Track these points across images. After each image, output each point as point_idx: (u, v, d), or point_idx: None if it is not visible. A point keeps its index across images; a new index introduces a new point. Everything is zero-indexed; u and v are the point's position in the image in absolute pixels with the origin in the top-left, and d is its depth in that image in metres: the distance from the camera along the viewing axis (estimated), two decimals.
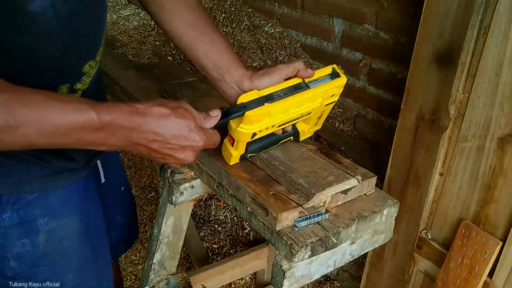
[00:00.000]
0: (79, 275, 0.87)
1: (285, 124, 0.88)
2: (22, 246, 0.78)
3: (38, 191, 0.77)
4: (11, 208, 0.75)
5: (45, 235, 0.79)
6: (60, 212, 0.81)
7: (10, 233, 0.76)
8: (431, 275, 1.10)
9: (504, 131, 0.87)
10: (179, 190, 1.05)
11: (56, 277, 0.83)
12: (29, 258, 0.79)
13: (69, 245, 0.84)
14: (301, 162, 0.93)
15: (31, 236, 0.78)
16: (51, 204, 0.79)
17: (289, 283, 0.82)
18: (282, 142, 0.95)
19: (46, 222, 0.79)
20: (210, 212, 2.01)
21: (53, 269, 0.82)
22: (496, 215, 0.93)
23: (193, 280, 1.30)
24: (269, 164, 0.93)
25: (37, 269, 0.80)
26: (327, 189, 0.85)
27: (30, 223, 0.77)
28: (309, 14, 1.49)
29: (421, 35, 0.97)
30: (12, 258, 0.78)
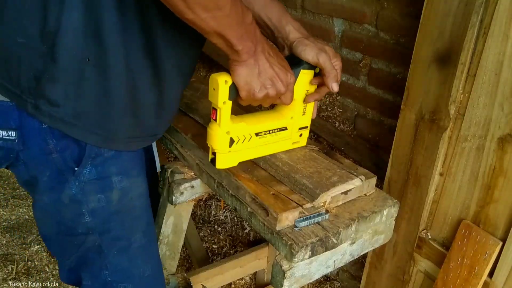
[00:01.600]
0: (145, 236, 0.91)
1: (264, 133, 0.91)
2: (98, 202, 0.82)
3: (122, 149, 0.82)
4: (90, 164, 0.79)
5: (118, 192, 0.84)
6: (131, 172, 0.86)
7: (88, 188, 0.81)
8: (431, 275, 1.10)
9: (504, 131, 0.87)
10: (179, 190, 1.05)
11: (126, 234, 0.88)
12: (103, 214, 0.83)
13: (138, 205, 0.89)
14: (304, 162, 0.93)
15: (106, 192, 0.83)
16: (124, 164, 0.84)
17: (289, 283, 0.82)
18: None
19: (119, 180, 0.83)
20: (210, 212, 2.01)
21: (123, 226, 0.87)
22: (496, 215, 0.93)
23: (193, 280, 1.30)
24: (272, 164, 0.93)
25: (110, 224, 0.85)
26: (332, 189, 0.85)
27: (106, 180, 0.82)
28: (309, 14, 1.49)
29: (421, 35, 0.97)
30: (87, 213, 0.82)
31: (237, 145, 0.87)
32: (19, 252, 1.82)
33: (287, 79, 0.81)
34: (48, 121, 0.74)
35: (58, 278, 1.72)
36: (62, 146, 0.77)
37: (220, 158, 0.88)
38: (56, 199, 0.81)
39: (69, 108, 0.73)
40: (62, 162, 0.78)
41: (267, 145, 0.93)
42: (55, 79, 0.71)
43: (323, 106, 1.53)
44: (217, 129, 0.83)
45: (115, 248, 0.87)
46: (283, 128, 0.93)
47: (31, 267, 1.76)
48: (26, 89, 0.72)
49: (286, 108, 0.92)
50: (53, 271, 1.75)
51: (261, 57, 0.77)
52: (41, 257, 1.81)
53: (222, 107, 0.80)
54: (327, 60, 0.84)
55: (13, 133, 0.76)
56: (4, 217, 2.02)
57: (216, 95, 0.79)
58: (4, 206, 2.08)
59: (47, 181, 0.80)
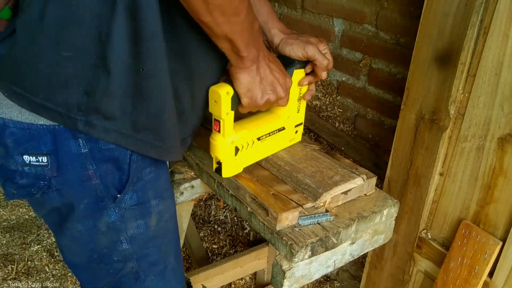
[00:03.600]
0: (176, 257, 0.91)
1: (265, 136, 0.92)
2: (137, 228, 0.80)
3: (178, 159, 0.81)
4: (131, 189, 0.76)
5: (156, 216, 0.82)
6: (165, 194, 0.84)
7: (128, 214, 0.78)
8: (431, 275, 1.10)
9: (504, 131, 0.87)
10: (179, 190, 1.05)
11: (162, 258, 0.86)
12: (142, 240, 0.81)
13: (171, 227, 0.88)
14: (306, 162, 0.94)
15: (146, 218, 0.80)
16: (160, 186, 0.82)
17: (289, 283, 0.82)
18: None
19: (156, 204, 0.81)
20: (210, 212, 2.01)
21: (160, 250, 0.85)
22: (496, 215, 0.93)
23: (193, 280, 1.30)
24: (275, 164, 0.93)
25: (148, 250, 0.83)
26: (334, 189, 0.85)
27: (145, 205, 0.79)
28: (309, 14, 1.49)
29: (421, 35, 0.97)
30: (125, 240, 0.79)
31: (241, 152, 0.88)
32: (19, 252, 1.82)
33: (286, 83, 0.82)
34: (104, 136, 0.69)
35: (58, 278, 1.72)
36: (103, 171, 0.73)
37: (226, 167, 0.88)
38: (92, 226, 0.77)
39: (127, 121, 0.70)
40: (103, 188, 0.74)
41: (268, 146, 0.94)
42: (110, 92, 0.66)
43: (323, 106, 1.53)
44: (222, 140, 0.83)
45: (153, 273, 0.85)
46: (281, 128, 0.95)
47: (31, 267, 1.76)
48: (74, 106, 0.67)
49: (282, 109, 0.93)
50: (53, 271, 1.75)
51: (262, 64, 0.77)
52: (41, 257, 1.81)
53: (226, 118, 0.80)
54: (315, 51, 0.85)
55: (44, 159, 0.70)
56: (4, 217, 2.02)
57: (219, 107, 0.78)
58: (4, 206, 2.08)
59: (84, 208, 0.75)
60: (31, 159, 0.70)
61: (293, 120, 0.96)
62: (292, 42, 0.86)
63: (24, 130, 0.70)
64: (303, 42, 0.86)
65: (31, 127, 0.69)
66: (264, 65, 0.77)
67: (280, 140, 0.96)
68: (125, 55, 0.65)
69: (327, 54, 0.89)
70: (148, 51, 0.66)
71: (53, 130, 0.69)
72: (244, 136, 0.87)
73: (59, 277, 1.72)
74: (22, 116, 0.69)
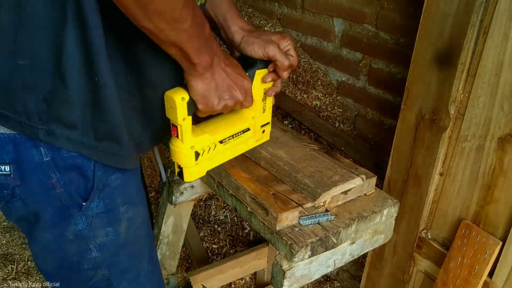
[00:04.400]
0: (151, 263, 0.89)
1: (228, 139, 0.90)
2: (106, 235, 0.78)
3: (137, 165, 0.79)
4: (98, 197, 0.75)
5: (126, 223, 0.80)
6: (135, 200, 0.82)
7: (96, 222, 0.76)
8: (431, 275, 1.10)
9: (504, 131, 0.87)
10: (179, 190, 1.05)
11: (134, 264, 0.84)
12: (112, 247, 0.80)
13: (143, 233, 0.86)
14: (305, 162, 0.94)
15: (115, 225, 0.79)
16: (129, 192, 0.80)
17: (289, 283, 0.82)
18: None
19: (126, 210, 0.80)
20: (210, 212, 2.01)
21: (131, 257, 0.83)
22: (496, 215, 0.93)
23: (193, 280, 1.30)
24: (273, 164, 0.93)
25: (118, 258, 0.81)
26: (333, 189, 0.85)
27: (114, 212, 0.78)
28: (309, 14, 1.49)
29: (421, 35, 0.97)
30: (95, 248, 0.78)
31: (202, 156, 0.86)
32: (19, 252, 1.82)
33: (244, 86, 0.80)
34: (67, 145, 0.68)
35: None
36: (67, 179, 0.71)
37: (188, 172, 0.86)
38: (59, 235, 0.75)
39: (88, 130, 0.68)
40: (68, 197, 0.73)
41: (232, 148, 0.92)
42: (68, 101, 0.65)
43: (323, 106, 1.53)
44: (181, 146, 0.81)
45: (125, 280, 0.83)
46: (246, 129, 0.92)
47: (31, 267, 1.76)
48: (34, 115, 0.65)
49: (246, 110, 0.91)
50: None
51: (217, 69, 0.75)
52: None
53: (182, 123, 0.78)
54: (276, 51, 0.83)
55: (6, 168, 0.68)
56: (4, 217, 2.02)
57: (175, 113, 0.76)
58: None
59: (50, 217, 0.74)
60: None
61: (259, 120, 0.94)
62: (253, 41, 0.84)
63: None
64: (263, 42, 0.83)
65: None
66: (219, 70, 0.75)
67: (245, 141, 0.94)
68: (79, 64, 0.64)
69: (290, 51, 0.86)
70: (99, 60, 0.64)
71: (14, 138, 0.68)
72: (205, 140, 0.85)
73: None
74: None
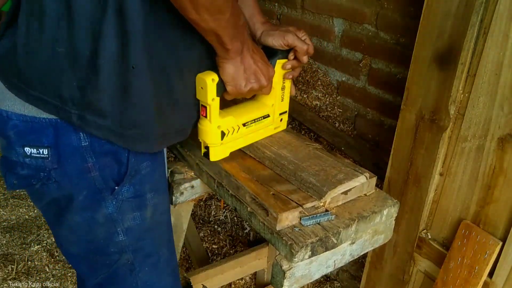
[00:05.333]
0: (169, 249, 0.93)
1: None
2: (133, 220, 0.82)
3: (158, 149, 0.83)
4: (129, 182, 0.79)
5: (151, 209, 0.84)
6: (160, 187, 0.87)
7: (125, 206, 0.80)
8: (431, 275, 1.10)
9: (504, 131, 0.87)
10: (179, 190, 1.05)
11: (156, 250, 0.89)
12: (138, 232, 0.84)
13: (165, 220, 0.91)
14: (310, 160, 0.94)
15: (142, 210, 0.83)
16: (156, 180, 0.85)
17: (289, 283, 0.82)
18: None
19: (152, 197, 0.84)
20: (210, 212, 2.01)
21: (154, 242, 0.88)
22: (496, 215, 0.93)
23: (193, 280, 1.30)
24: (278, 163, 0.93)
25: (143, 242, 0.85)
26: (339, 187, 0.86)
27: (142, 198, 0.82)
28: (309, 14, 1.49)
29: (421, 35, 0.97)
30: (122, 231, 0.82)
31: (227, 137, 0.92)
32: (19, 252, 1.83)
33: (268, 73, 0.88)
34: (96, 132, 0.72)
35: (58, 278, 1.72)
36: (102, 164, 0.76)
37: (213, 151, 0.92)
38: (90, 217, 0.79)
39: (117, 117, 0.72)
40: (102, 181, 0.77)
41: (253, 132, 0.99)
42: (99, 88, 0.69)
43: (323, 106, 1.53)
44: (209, 125, 0.88)
45: (147, 265, 0.87)
46: (266, 115, 1.00)
47: (31, 267, 1.76)
48: (69, 100, 0.70)
49: (267, 97, 0.99)
50: (53, 271, 1.75)
51: (246, 55, 0.82)
52: (41, 257, 1.81)
53: (211, 104, 0.84)
54: (295, 38, 0.91)
55: (45, 151, 0.73)
56: (4, 217, 2.02)
57: (205, 93, 0.82)
58: (4, 206, 2.08)
59: (82, 200, 0.77)
60: (32, 151, 0.73)
61: (278, 108, 1.02)
62: (273, 33, 0.93)
63: (27, 123, 0.72)
64: (282, 32, 0.92)
65: (33, 120, 0.72)
66: (248, 56, 0.82)
67: (265, 126, 1.01)
68: (114, 53, 0.67)
69: (306, 40, 0.95)
70: (135, 49, 0.68)
71: (55, 123, 0.72)
72: (230, 122, 0.91)
73: (59, 277, 1.72)
74: (25, 109, 0.72)
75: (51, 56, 0.68)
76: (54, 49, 0.68)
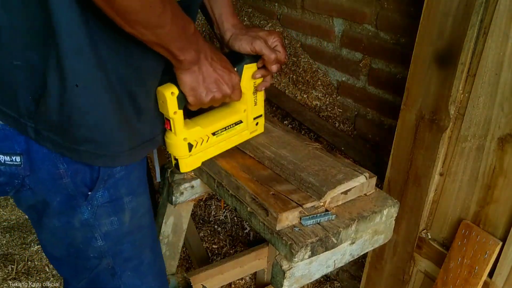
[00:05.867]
0: (153, 252, 0.92)
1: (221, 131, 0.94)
2: (111, 224, 0.81)
3: (131, 162, 0.81)
4: (103, 187, 0.78)
5: (130, 212, 0.83)
6: (138, 190, 0.85)
7: (101, 212, 0.80)
8: (431, 275, 1.10)
9: (504, 131, 0.87)
10: (179, 190, 1.05)
11: (137, 253, 0.88)
12: (116, 236, 0.83)
13: (146, 223, 0.89)
14: (309, 160, 0.94)
15: (119, 214, 0.82)
16: (132, 183, 0.83)
17: (289, 283, 0.82)
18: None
19: (130, 200, 0.83)
20: (210, 212, 2.01)
21: (134, 246, 0.87)
22: (496, 215, 0.93)
23: (193, 280, 1.30)
24: (277, 163, 0.93)
25: (122, 246, 0.84)
26: (338, 187, 0.86)
27: (118, 201, 0.81)
28: (309, 14, 1.49)
29: (421, 35, 0.97)
30: (100, 236, 0.81)
31: (196, 148, 0.90)
32: (19, 252, 1.82)
33: (231, 79, 0.84)
34: (51, 147, 0.71)
35: (58, 278, 1.72)
36: (73, 170, 0.75)
37: (183, 163, 0.91)
38: (66, 223, 0.79)
39: (69, 133, 0.71)
40: (74, 187, 0.76)
41: (226, 140, 0.97)
42: (48, 104, 0.68)
43: (323, 106, 1.53)
44: (174, 138, 0.86)
45: (128, 269, 0.86)
46: (238, 122, 0.97)
47: (31, 267, 1.76)
48: (25, 113, 0.69)
49: (238, 103, 0.96)
50: (53, 271, 1.75)
51: (204, 63, 0.79)
52: (41, 257, 1.81)
53: (174, 117, 0.83)
54: (262, 46, 0.87)
55: (17, 158, 0.72)
56: (4, 217, 2.02)
57: (166, 107, 0.81)
58: (4, 206, 2.08)
59: (57, 205, 0.77)
60: (6, 159, 0.72)
61: (251, 113, 0.99)
62: (241, 38, 0.89)
63: (0, 131, 0.72)
64: (251, 37, 0.88)
65: (5, 128, 0.71)
66: (206, 64, 0.79)
67: (238, 133, 0.99)
68: (59, 69, 0.66)
69: (277, 46, 0.90)
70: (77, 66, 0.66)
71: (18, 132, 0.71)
72: (197, 133, 0.89)
73: (59, 277, 1.72)
74: None
75: (8, 68, 0.67)
76: (11, 62, 0.67)
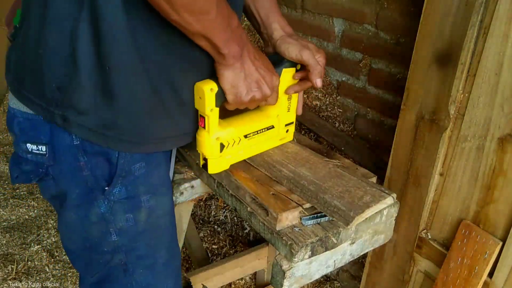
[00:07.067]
0: (168, 252, 0.91)
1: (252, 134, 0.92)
2: (126, 221, 0.82)
3: (154, 150, 0.81)
4: (120, 183, 0.79)
5: (146, 211, 0.83)
6: (159, 190, 0.85)
7: (117, 207, 0.80)
8: (431, 275, 1.10)
9: (504, 131, 0.87)
10: (179, 190, 1.05)
11: (151, 252, 0.88)
12: (130, 233, 0.83)
13: (163, 223, 0.89)
14: (331, 180, 0.88)
15: (135, 212, 0.82)
16: (153, 183, 0.83)
17: (289, 283, 0.82)
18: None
19: (147, 199, 0.83)
20: (210, 212, 2.01)
21: (149, 245, 0.87)
22: (496, 215, 0.93)
23: (193, 280, 1.30)
24: (297, 184, 0.87)
25: (136, 244, 0.84)
26: (366, 211, 0.80)
27: (135, 199, 0.81)
28: (309, 14, 1.49)
29: (421, 35, 0.97)
30: (114, 232, 0.82)
31: (227, 149, 0.88)
32: (19, 252, 1.83)
33: (272, 81, 0.82)
34: (78, 132, 0.73)
35: (58, 278, 1.72)
36: (93, 163, 0.76)
37: (212, 164, 0.88)
38: (84, 216, 0.80)
39: (98, 117, 0.72)
40: (93, 180, 0.77)
41: (256, 144, 0.94)
42: (80, 88, 0.69)
43: (323, 106, 1.53)
44: (207, 136, 0.84)
45: (141, 267, 0.86)
46: (270, 127, 0.94)
47: (31, 267, 1.76)
48: (52, 101, 0.71)
49: (271, 107, 0.93)
50: (53, 271, 1.75)
51: (247, 61, 0.77)
52: (41, 257, 1.81)
53: (210, 114, 0.80)
54: (310, 57, 0.85)
55: (43, 148, 0.75)
56: (4, 217, 2.02)
57: (203, 103, 0.78)
58: (4, 206, 2.08)
59: (76, 198, 0.79)
60: (33, 148, 0.76)
61: (283, 119, 0.96)
62: (290, 42, 0.86)
63: (28, 120, 0.75)
64: (300, 45, 0.86)
65: (33, 118, 0.75)
66: (248, 61, 0.77)
67: (269, 138, 0.96)
68: (91, 53, 0.67)
69: (321, 62, 0.88)
70: (112, 49, 0.67)
71: (46, 120, 0.74)
72: (230, 133, 0.87)
73: (59, 277, 1.72)
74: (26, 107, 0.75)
75: (34, 58, 0.70)
76: (36, 51, 0.69)
